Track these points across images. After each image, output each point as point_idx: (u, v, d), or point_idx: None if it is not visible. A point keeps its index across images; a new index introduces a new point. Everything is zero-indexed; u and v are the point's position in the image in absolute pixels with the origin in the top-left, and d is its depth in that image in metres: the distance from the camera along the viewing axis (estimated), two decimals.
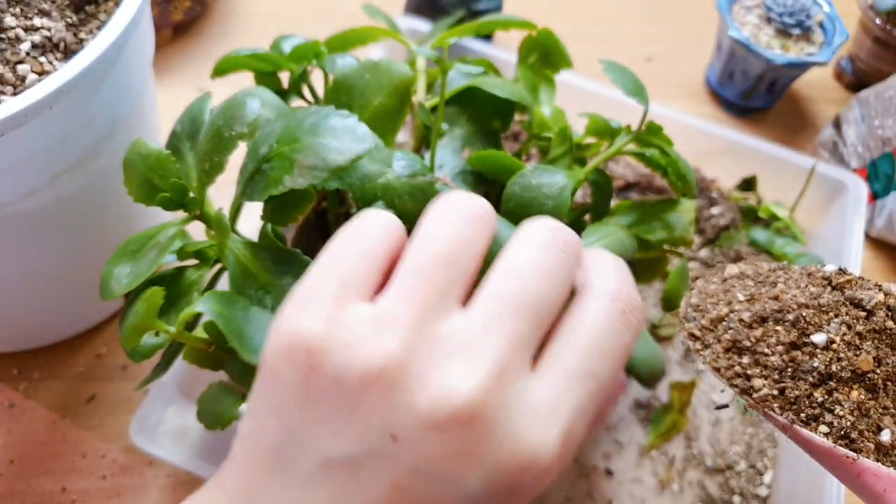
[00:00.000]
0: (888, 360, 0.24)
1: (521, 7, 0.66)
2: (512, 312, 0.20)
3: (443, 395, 0.19)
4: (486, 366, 0.19)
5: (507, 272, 0.21)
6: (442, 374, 0.19)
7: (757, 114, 0.62)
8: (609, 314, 0.22)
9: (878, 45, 0.61)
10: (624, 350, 0.22)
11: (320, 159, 0.25)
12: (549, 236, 0.22)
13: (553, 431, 0.20)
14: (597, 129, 0.33)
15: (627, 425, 0.42)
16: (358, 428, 0.19)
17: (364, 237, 0.22)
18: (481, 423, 0.19)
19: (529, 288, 0.21)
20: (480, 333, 0.20)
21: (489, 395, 0.19)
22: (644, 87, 0.31)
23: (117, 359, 0.42)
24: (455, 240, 0.21)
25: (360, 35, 0.35)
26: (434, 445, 0.19)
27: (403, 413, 0.19)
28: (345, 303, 0.21)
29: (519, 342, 0.20)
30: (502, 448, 0.19)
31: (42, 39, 0.30)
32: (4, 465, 0.38)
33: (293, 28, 0.44)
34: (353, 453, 0.19)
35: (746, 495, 0.40)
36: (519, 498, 0.20)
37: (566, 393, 0.20)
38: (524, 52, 0.36)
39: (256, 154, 0.26)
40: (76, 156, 0.31)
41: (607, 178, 0.32)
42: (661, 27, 0.69)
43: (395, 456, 0.19)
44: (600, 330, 0.22)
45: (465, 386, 0.19)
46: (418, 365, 0.19)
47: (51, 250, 0.35)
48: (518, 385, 0.20)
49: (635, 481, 0.40)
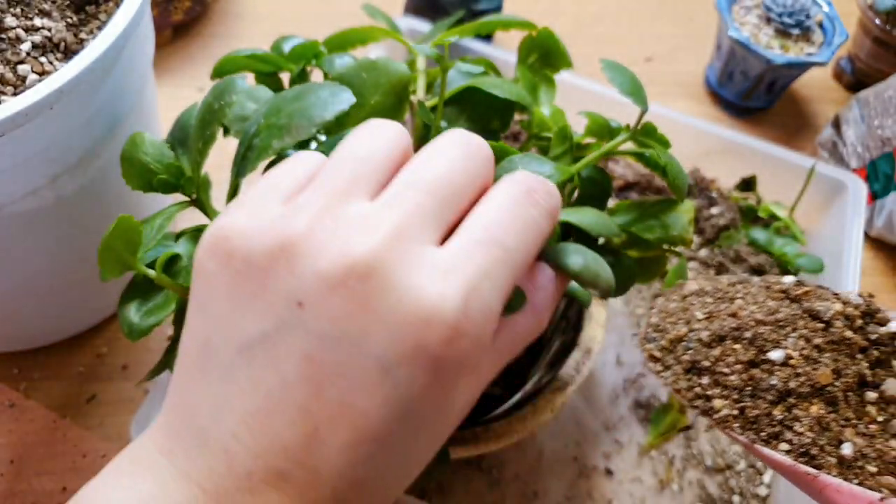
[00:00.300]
0: (847, 371, 0.24)
1: (521, 7, 0.66)
2: (415, 191, 0.21)
3: (341, 254, 0.20)
4: (385, 229, 0.20)
5: (415, 164, 0.23)
6: (343, 242, 0.20)
7: (757, 114, 0.62)
8: (513, 193, 0.23)
9: (877, 45, 0.61)
10: (531, 224, 0.22)
11: (305, 118, 0.26)
12: (458, 137, 0.24)
13: (453, 284, 0.20)
14: (596, 128, 0.33)
15: (627, 425, 0.42)
16: (268, 302, 0.20)
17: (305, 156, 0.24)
18: (379, 276, 0.19)
19: (433, 173, 0.22)
20: (382, 208, 0.21)
21: (386, 251, 0.20)
22: (642, 88, 0.31)
23: (118, 358, 0.43)
24: (369, 143, 0.23)
25: (360, 35, 0.35)
26: (336, 305, 0.19)
27: (307, 278, 0.20)
28: (266, 203, 0.22)
29: (420, 214, 0.21)
30: (402, 301, 0.19)
31: (42, 40, 0.31)
32: (5, 465, 0.38)
33: (293, 28, 0.44)
34: (266, 330, 0.20)
35: (746, 495, 0.40)
36: (433, 368, 0.20)
37: (467, 256, 0.21)
38: (524, 52, 0.36)
39: (246, 136, 0.27)
40: (76, 156, 0.31)
41: (605, 175, 0.32)
42: (661, 27, 0.69)
43: (303, 324, 0.20)
44: (503, 204, 0.22)
45: (362, 245, 0.20)
46: (321, 237, 0.20)
47: (51, 250, 0.35)
48: (418, 249, 0.20)
49: (635, 481, 0.40)
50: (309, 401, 0.20)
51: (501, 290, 0.21)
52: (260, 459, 0.20)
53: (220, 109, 0.28)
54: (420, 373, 0.20)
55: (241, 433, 0.20)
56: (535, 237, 0.22)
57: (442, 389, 0.20)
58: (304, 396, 0.20)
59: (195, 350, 0.21)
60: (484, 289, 0.20)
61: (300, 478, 0.20)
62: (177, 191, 0.29)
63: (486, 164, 0.23)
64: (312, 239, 0.20)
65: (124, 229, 0.25)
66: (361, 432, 0.20)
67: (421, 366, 0.20)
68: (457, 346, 0.20)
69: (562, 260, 0.25)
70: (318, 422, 0.20)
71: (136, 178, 0.29)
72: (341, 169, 0.22)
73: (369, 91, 0.30)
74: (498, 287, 0.21)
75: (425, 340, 0.19)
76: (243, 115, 0.29)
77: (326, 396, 0.20)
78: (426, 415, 0.20)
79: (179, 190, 0.29)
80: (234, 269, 0.21)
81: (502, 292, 0.21)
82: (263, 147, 0.26)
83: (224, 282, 0.21)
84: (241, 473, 0.20)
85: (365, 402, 0.20)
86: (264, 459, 0.20)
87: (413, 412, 0.20)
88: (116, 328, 0.44)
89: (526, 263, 0.22)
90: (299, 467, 0.20)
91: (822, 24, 0.60)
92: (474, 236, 0.21)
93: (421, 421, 0.20)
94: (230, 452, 0.20)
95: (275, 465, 0.20)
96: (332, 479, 0.20)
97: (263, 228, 0.21)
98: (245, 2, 0.65)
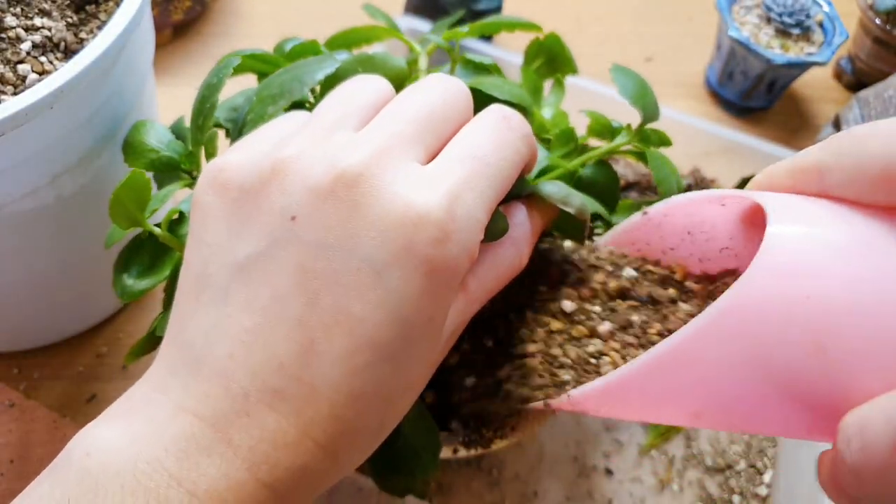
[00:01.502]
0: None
1: (521, 7, 0.66)
2: (397, 119, 0.23)
3: (330, 166, 0.21)
4: (371, 146, 0.21)
5: (397, 99, 0.24)
6: (332, 157, 0.21)
7: (757, 114, 0.62)
8: (490, 119, 0.24)
9: (877, 45, 0.61)
10: (508, 144, 0.24)
11: (297, 82, 0.27)
12: (437, 77, 0.25)
13: (439, 190, 0.21)
14: (598, 127, 0.33)
15: (627, 425, 0.42)
16: (262, 222, 0.21)
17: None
18: (366, 183, 0.20)
19: (415, 105, 0.23)
20: (367, 132, 0.22)
21: (373, 162, 0.21)
22: (648, 94, 0.31)
23: (118, 358, 0.43)
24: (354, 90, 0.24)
25: (363, 34, 0.35)
26: (328, 213, 0.20)
27: (298, 192, 0.21)
28: (258, 144, 0.23)
29: (402, 136, 0.22)
30: (391, 203, 0.20)
31: (42, 39, 0.31)
32: (5, 465, 0.38)
33: (293, 28, 0.44)
34: (260, 248, 0.21)
35: (746, 495, 0.40)
36: (423, 271, 0.20)
37: (448, 170, 0.22)
38: (530, 56, 0.36)
39: (241, 117, 0.28)
40: (76, 156, 0.31)
41: (612, 173, 0.32)
42: (661, 27, 0.69)
43: (297, 236, 0.20)
44: (481, 127, 0.24)
45: (350, 158, 0.21)
46: (312, 156, 0.21)
47: (51, 250, 0.35)
48: (403, 164, 0.21)
49: (635, 481, 0.40)
50: (304, 311, 0.20)
51: (484, 202, 0.22)
52: (257, 378, 0.20)
53: (218, 83, 0.28)
54: (411, 275, 0.20)
55: (236, 352, 0.20)
56: (512, 155, 0.24)
57: (432, 298, 0.21)
58: (299, 307, 0.20)
59: (191, 281, 0.22)
60: (467, 197, 0.21)
61: (297, 394, 0.20)
62: (178, 169, 0.29)
63: (464, 100, 0.25)
64: (302, 159, 0.21)
65: (135, 183, 0.26)
66: (358, 339, 0.20)
67: (412, 267, 0.20)
68: (444, 248, 0.20)
69: (539, 190, 0.27)
70: (314, 333, 0.20)
71: (139, 158, 0.29)
72: (328, 111, 0.23)
73: None
74: (481, 198, 0.22)
75: (414, 241, 0.20)
76: (234, 107, 0.30)
77: (321, 305, 0.20)
78: (419, 324, 0.21)
79: (181, 168, 0.29)
80: (230, 198, 0.22)
81: (485, 204, 0.22)
82: (258, 116, 0.27)
83: (220, 210, 0.22)
84: (237, 394, 0.20)
85: (359, 307, 0.20)
86: (261, 378, 0.20)
87: (406, 319, 0.20)
88: (116, 328, 0.44)
89: (507, 179, 0.23)
90: (296, 382, 0.20)
91: (822, 23, 0.60)
92: (456, 153, 0.23)
93: (413, 330, 0.21)
94: (226, 374, 0.20)
95: (271, 383, 0.20)
96: (329, 394, 0.20)
97: (256, 159, 0.22)
98: (245, 2, 0.65)
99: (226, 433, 0.19)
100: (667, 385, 0.21)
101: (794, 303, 0.19)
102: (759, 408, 0.20)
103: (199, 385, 0.20)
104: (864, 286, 0.18)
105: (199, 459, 0.19)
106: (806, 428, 0.19)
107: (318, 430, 0.20)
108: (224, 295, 0.21)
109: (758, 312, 0.19)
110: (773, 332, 0.19)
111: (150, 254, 0.29)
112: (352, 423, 0.20)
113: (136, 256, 0.29)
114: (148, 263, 0.29)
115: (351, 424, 0.20)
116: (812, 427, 0.19)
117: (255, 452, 0.19)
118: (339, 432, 0.20)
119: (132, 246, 0.29)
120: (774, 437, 0.43)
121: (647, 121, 0.32)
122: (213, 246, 0.22)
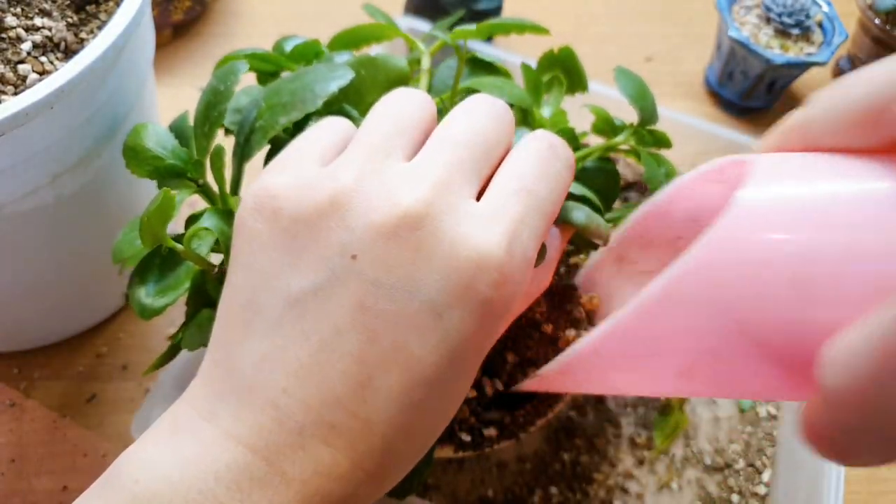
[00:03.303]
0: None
1: (522, 7, 0.66)
2: (452, 146, 0.22)
3: (392, 205, 0.21)
4: (430, 181, 0.21)
5: (447, 123, 0.24)
6: (392, 194, 0.21)
7: (757, 114, 0.62)
8: (538, 147, 0.24)
9: (877, 46, 0.61)
10: (555, 175, 0.24)
11: (309, 92, 0.26)
12: (484, 99, 0.25)
13: (497, 231, 0.21)
14: (601, 124, 0.33)
15: (627, 424, 0.42)
16: (319, 256, 0.21)
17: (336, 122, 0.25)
18: (429, 225, 0.20)
19: (467, 130, 0.23)
20: (424, 162, 0.22)
21: (434, 201, 0.21)
22: (648, 96, 0.31)
23: (118, 358, 0.43)
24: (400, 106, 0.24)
25: (366, 33, 0.35)
26: (391, 254, 0.20)
27: (359, 230, 0.20)
28: (304, 163, 0.23)
29: (460, 167, 0.22)
30: (453, 247, 0.20)
31: (43, 39, 0.31)
32: (5, 465, 0.38)
33: (293, 28, 0.44)
34: (318, 283, 0.20)
35: (745, 494, 0.40)
36: (481, 312, 0.20)
37: (504, 206, 0.22)
38: (542, 67, 0.36)
39: (246, 122, 0.27)
40: (76, 156, 0.31)
41: (613, 168, 0.32)
42: (661, 27, 0.69)
43: (356, 274, 0.20)
44: (531, 157, 0.24)
45: (410, 197, 0.21)
46: (369, 191, 0.21)
47: (51, 250, 0.35)
48: (461, 202, 0.21)
49: (635, 480, 0.40)
50: (363, 349, 0.20)
51: (537, 238, 0.22)
52: (312, 413, 0.20)
53: (226, 91, 0.28)
54: (469, 316, 0.20)
55: (291, 387, 0.20)
56: (560, 186, 0.24)
57: (485, 332, 0.21)
58: (358, 345, 0.20)
59: (238, 308, 0.21)
60: (523, 235, 0.21)
61: (352, 429, 0.20)
62: (184, 177, 0.29)
63: (511, 124, 0.25)
64: (361, 193, 0.21)
65: (164, 205, 0.25)
66: (415, 377, 0.20)
67: (470, 309, 0.20)
68: (503, 289, 0.21)
69: (566, 215, 0.26)
70: (372, 370, 0.20)
71: (142, 166, 0.28)
72: (377, 129, 0.23)
73: (367, 88, 0.30)
74: (534, 234, 0.22)
75: (475, 282, 0.20)
76: (238, 108, 0.29)
77: (380, 343, 0.20)
78: (469, 357, 0.21)
79: (186, 175, 0.29)
80: (281, 226, 0.21)
81: (538, 239, 0.22)
82: (269, 125, 0.26)
83: (270, 239, 0.21)
84: (292, 429, 0.19)
85: (418, 345, 0.20)
86: (317, 412, 0.20)
87: (460, 355, 0.21)
88: (116, 328, 0.44)
89: (555, 212, 0.23)
90: (351, 418, 0.20)
91: (821, 23, 0.60)
92: (509, 187, 0.22)
93: (465, 364, 0.21)
94: (280, 407, 0.20)
95: (328, 418, 0.20)
96: (383, 428, 0.20)
97: (310, 185, 0.21)
98: (245, 2, 0.65)
99: (279, 466, 0.19)
100: (647, 342, 0.21)
101: (764, 245, 0.19)
102: (740, 366, 0.20)
103: (251, 416, 0.20)
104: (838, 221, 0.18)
105: (252, 491, 0.19)
106: (787, 385, 0.20)
107: (370, 462, 0.20)
108: (276, 326, 0.20)
109: (725, 260, 0.19)
110: (745, 277, 0.19)
111: (161, 266, 0.28)
112: (402, 454, 0.21)
113: (149, 274, 0.28)
114: (160, 276, 0.28)
115: (401, 455, 0.21)
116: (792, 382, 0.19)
117: (307, 486, 0.19)
118: (389, 463, 0.21)
119: (142, 265, 0.29)
120: (773, 437, 0.43)
121: (645, 123, 0.32)
122: (263, 274, 0.21)
